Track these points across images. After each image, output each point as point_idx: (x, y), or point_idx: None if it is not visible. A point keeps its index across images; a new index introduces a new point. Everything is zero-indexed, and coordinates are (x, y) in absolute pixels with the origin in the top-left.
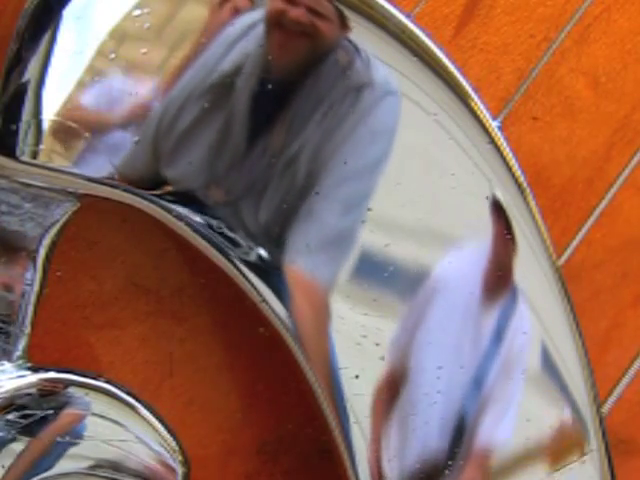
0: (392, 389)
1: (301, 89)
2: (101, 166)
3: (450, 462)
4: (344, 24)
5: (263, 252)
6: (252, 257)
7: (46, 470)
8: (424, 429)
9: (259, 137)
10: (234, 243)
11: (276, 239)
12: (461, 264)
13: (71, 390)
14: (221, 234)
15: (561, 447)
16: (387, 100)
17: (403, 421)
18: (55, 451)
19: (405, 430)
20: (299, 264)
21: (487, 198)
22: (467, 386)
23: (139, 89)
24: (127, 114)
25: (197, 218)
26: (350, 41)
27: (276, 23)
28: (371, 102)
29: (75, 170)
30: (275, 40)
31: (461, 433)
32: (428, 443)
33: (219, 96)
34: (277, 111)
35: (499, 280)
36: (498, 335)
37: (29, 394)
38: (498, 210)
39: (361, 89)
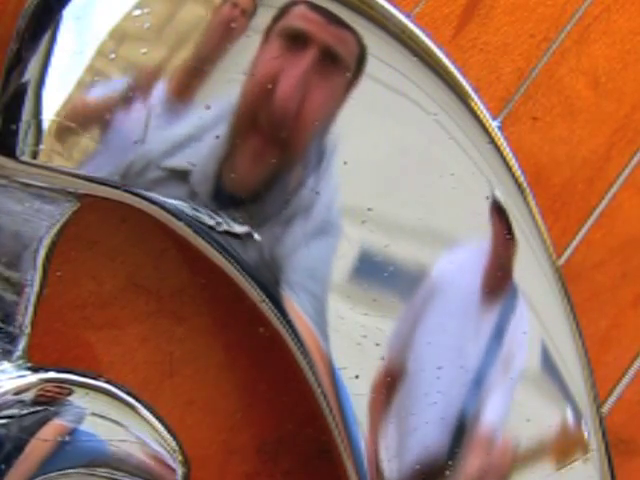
0: (392, 389)
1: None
2: (101, 166)
3: (450, 462)
4: (360, 68)
5: (263, 252)
6: (252, 257)
7: (47, 471)
8: (424, 429)
9: (259, 138)
10: (234, 243)
11: (276, 239)
12: (461, 264)
13: (71, 398)
14: (221, 234)
15: (561, 447)
16: (387, 100)
17: (403, 421)
18: (55, 451)
19: (405, 430)
20: (299, 264)
21: (487, 198)
22: (467, 386)
23: (139, 89)
24: (127, 114)
25: (197, 218)
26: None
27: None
28: (371, 102)
29: (75, 170)
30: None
31: (461, 433)
32: (428, 443)
33: (219, 96)
34: (275, 110)
35: (499, 280)
36: (498, 335)
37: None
38: (498, 210)
39: (361, 89)
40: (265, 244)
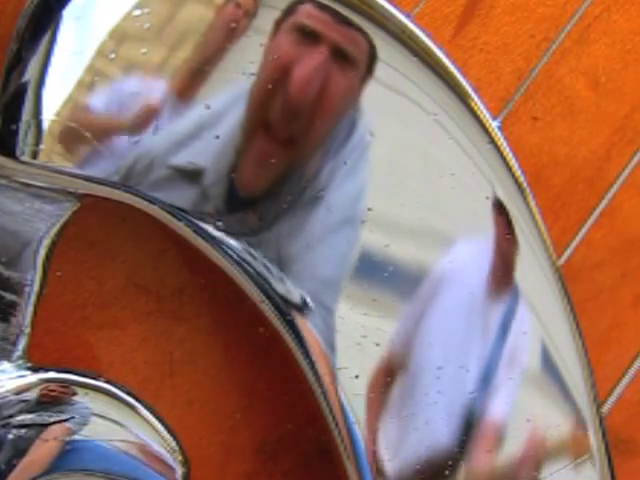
0: (392, 389)
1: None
2: (101, 166)
3: (450, 462)
4: (372, 65)
5: (263, 252)
6: (252, 257)
7: (47, 471)
8: (424, 429)
9: (261, 139)
10: (234, 244)
11: (276, 240)
12: (461, 264)
13: (75, 398)
14: (220, 234)
15: (561, 447)
16: (387, 100)
17: (403, 421)
18: (56, 452)
19: (405, 430)
20: (299, 264)
21: (487, 198)
22: (467, 386)
23: (139, 89)
24: (127, 114)
25: (197, 219)
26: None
27: (289, 63)
28: (371, 102)
29: (75, 170)
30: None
31: (461, 433)
32: (428, 443)
33: (220, 96)
34: (278, 111)
35: (499, 280)
36: (498, 335)
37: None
38: (498, 210)
39: (361, 89)
40: (265, 244)
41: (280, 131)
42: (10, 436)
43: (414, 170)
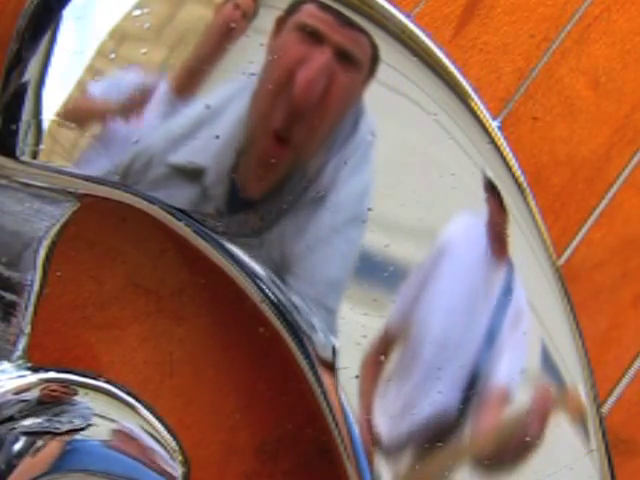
0: (392, 389)
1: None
2: (101, 166)
3: (450, 462)
4: (374, 66)
5: (263, 252)
6: (252, 258)
7: (48, 472)
8: (424, 429)
9: (260, 138)
10: (234, 244)
11: (276, 240)
12: (460, 264)
13: (76, 398)
14: (221, 235)
15: (561, 447)
16: (387, 100)
17: (403, 421)
18: (57, 452)
19: (405, 430)
20: (299, 265)
21: (487, 198)
22: (467, 386)
23: (139, 89)
24: (127, 114)
25: (197, 219)
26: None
27: (292, 65)
28: (371, 102)
29: (75, 170)
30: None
31: (461, 433)
32: (427, 443)
33: (219, 95)
34: (277, 111)
35: (499, 280)
36: (498, 336)
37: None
38: (498, 210)
39: (361, 90)
40: (265, 245)
41: (282, 131)
42: (10, 436)
43: (414, 170)
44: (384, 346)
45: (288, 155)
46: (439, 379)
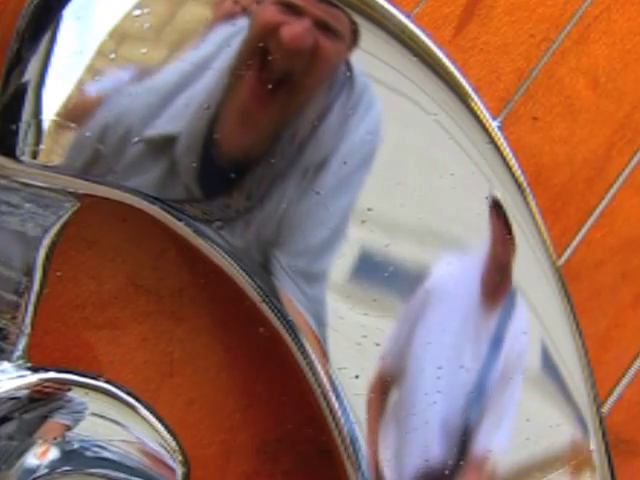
0: (391, 389)
1: (299, 90)
2: (101, 166)
3: (450, 462)
4: (355, 37)
5: (263, 253)
6: (252, 257)
7: (47, 471)
8: (424, 429)
9: (258, 139)
10: (234, 244)
11: (276, 240)
12: (461, 264)
13: (70, 394)
14: (220, 234)
15: (561, 447)
16: (387, 100)
17: (403, 421)
18: (54, 451)
19: (405, 430)
20: (299, 265)
21: (487, 198)
22: (467, 386)
23: (139, 89)
24: (127, 114)
25: (197, 219)
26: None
27: (270, 38)
28: (371, 102)
29: (75, 170)
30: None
31: (461, 433)
32: (427, 443)
33: (218, 96)
34: (275, 111)
35: (499, 280)
36: (498, 335)
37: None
38: (498, 210)
39: (361, 89)
40: (266, 245)
41: (264, 84)
42: (9, 435)
43: (414, 170)
44: (389, 368)
45: (284, 153)
46: (439, 379)
